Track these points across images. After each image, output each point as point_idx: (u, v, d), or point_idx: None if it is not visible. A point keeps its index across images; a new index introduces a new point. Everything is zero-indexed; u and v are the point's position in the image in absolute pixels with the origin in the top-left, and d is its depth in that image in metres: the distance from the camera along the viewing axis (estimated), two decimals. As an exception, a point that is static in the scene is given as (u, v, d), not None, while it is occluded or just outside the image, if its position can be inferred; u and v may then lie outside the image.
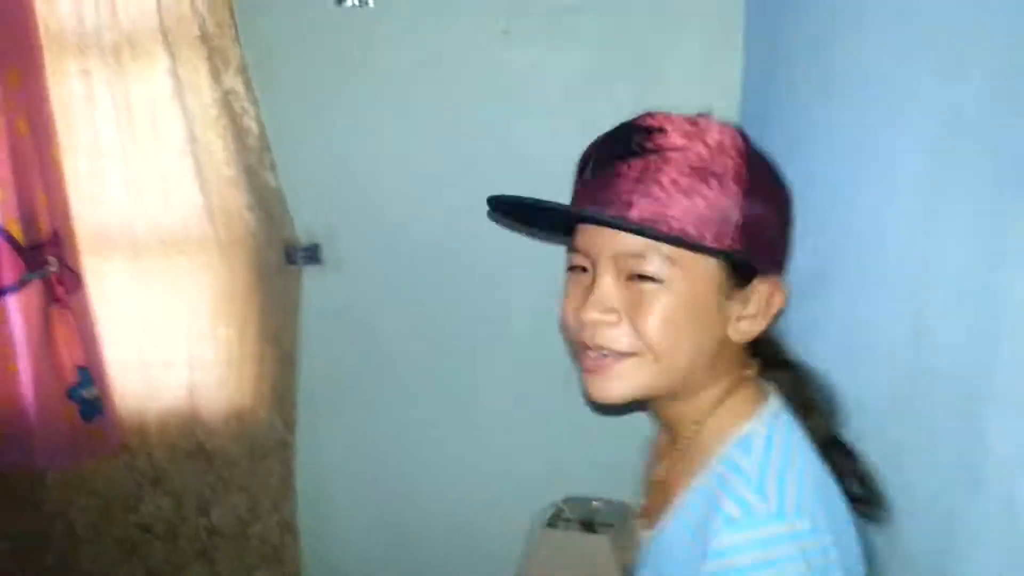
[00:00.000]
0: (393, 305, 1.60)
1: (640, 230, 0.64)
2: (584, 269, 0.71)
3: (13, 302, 1.49)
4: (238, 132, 1.50)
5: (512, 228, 1.45)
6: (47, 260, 1.47)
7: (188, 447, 1.60)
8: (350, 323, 1.62)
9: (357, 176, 1.56)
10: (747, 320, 0.70)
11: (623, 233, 0.66)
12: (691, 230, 0.64)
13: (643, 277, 0.66)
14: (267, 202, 1.54)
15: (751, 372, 0.73)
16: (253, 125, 1.51)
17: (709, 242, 0.64)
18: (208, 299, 1.56)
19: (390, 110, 1.52)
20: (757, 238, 0.66)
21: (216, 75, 1.47)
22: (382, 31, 1.49)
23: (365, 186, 1.56)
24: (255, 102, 1.50)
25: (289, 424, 1.63)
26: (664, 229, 0.63)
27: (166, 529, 1.63)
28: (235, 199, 1.53)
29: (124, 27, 1.43)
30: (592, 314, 0.68)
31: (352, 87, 1.52)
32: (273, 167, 1.53)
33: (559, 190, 0.75)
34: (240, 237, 1.54)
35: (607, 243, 0.67)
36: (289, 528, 1.66)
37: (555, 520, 1.45)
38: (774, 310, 0.70)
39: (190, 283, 1.55)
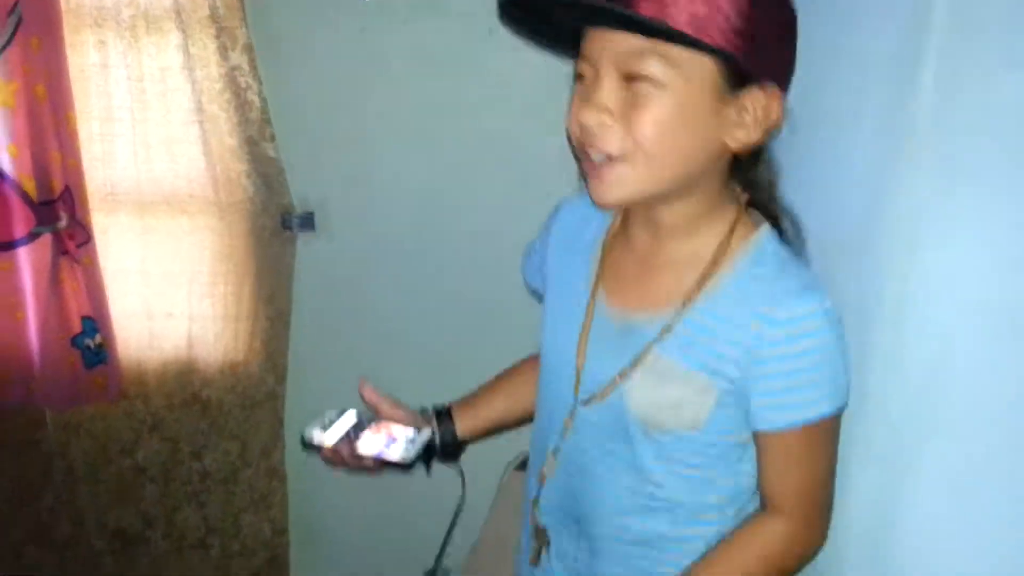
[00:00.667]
0: (381, 271, 1.73)
1: (645, 23, 0.64)
2: (585, 77, 0.72)
3: (24, 253, 1.60)
4: (241, 105, 1.62)
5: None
6: (58, 215, 1.58)
7: (185, 396, 1.71)
8: (340, 287, 1.75)
9: (351, 151, 1.68)
10: (743, 129, 0.71)
11: (624, 33, 0.67)
12: (690, 29, 0.64)
13: (641, 78, 0.67)
14: (266, 171, 1.66)
15: (744, 196, 0.78)
16: (256, 99, 1.62)
17: (709, 41, 0.65)
18: (208, 258, 1.68)
19: (383, 93, 1.64)
20: (756, 43, 0.67)
21: (224, 52, 1.58)
22: (377, 22, 1.60)
23: (358, 160, 1.69)
24: (259, 79, 1.61)
25: (279, 378, 1.75)
26: (668, 24, 0.64)
27: (160, 472, 1.74)
28: (236, 166, 1.64)
29: (140, 4, 1.54)
30: (588, 115, 0.69)
31: (348, 71, 1.64)
32: (273, 139, 1.64)
33: (539, 174, 0.85)
34: (239, 202, 1.66)
35: (609, 44, 0.69)
36: (277, 474, 1.78)
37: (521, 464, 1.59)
38: (771, 121, 0.72)
39: (191, 242, 1.67)
